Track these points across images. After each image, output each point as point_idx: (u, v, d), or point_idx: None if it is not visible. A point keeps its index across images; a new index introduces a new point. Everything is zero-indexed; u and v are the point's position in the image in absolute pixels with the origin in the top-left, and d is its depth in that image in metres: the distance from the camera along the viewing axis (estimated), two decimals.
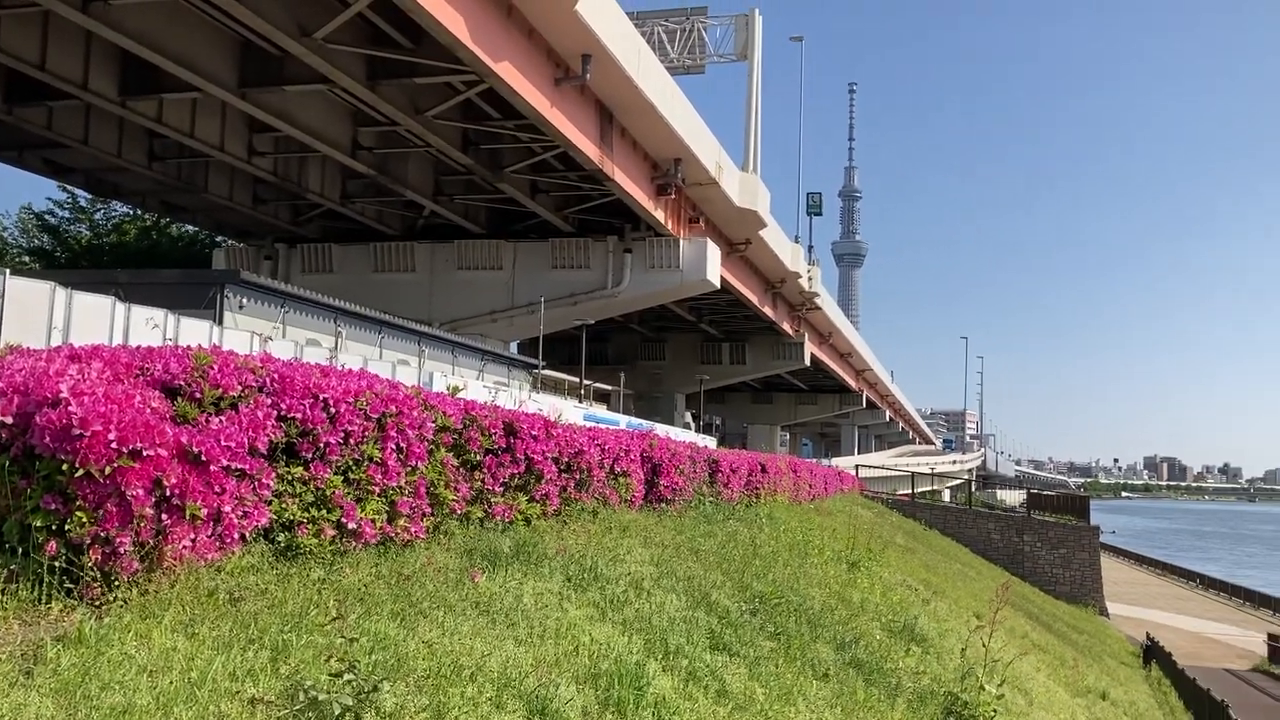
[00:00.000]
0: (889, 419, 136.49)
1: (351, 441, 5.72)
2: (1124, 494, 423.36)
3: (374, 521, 5.77)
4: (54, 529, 4.13)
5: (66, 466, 4.12)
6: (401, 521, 6.07)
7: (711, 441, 39.02)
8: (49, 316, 18.74)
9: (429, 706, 4.25)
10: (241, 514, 4.84)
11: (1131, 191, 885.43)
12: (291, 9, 26.22)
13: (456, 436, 6.95)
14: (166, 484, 4.31)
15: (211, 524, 4.61)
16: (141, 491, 4.21)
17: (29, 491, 4.17)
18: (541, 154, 36.76)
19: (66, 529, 4.12)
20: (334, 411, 5.61)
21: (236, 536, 4.83)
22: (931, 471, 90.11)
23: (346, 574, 5.36)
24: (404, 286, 44.84)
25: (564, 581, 6.80)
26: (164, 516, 4.33)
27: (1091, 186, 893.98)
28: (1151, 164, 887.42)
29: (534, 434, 8.01)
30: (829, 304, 76.35)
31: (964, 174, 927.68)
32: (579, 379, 51.90)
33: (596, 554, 7.80)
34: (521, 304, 44.08)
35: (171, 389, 5.05)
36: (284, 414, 5.37)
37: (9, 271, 18.92)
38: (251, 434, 5.03)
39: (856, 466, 50.63)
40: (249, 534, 4.97)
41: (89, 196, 50.33)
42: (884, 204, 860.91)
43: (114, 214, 54.69)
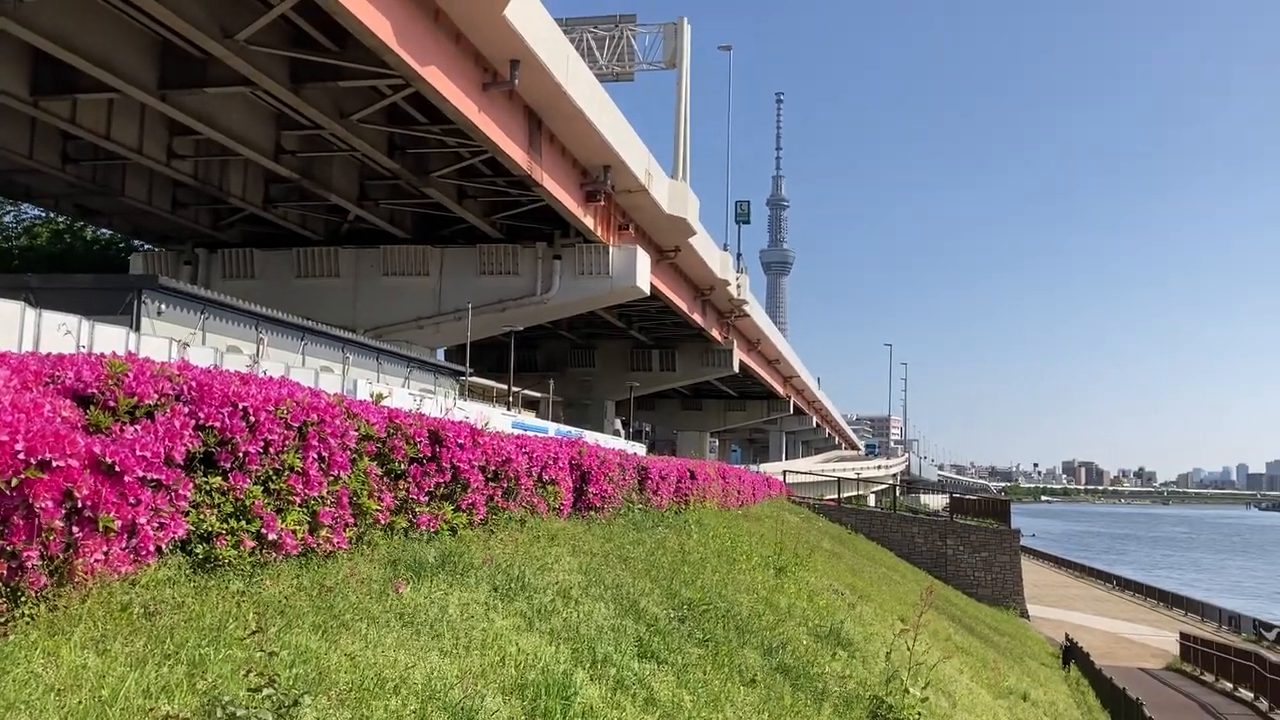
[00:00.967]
0: (816, 425, 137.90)
1: (272, 451, 5.62)
2: (1044, 498, 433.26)
3: (295, 532, 5.67)
4: None
5: None
6: (323, 532, 5.98)
7: (641, 448, 39.09)
8: None
9: None
10: (157, 526, 4.72)
11: (1051, 194, 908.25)
12: (213, 9, 25.74)
13: (380, 445, 6.86)
14: (78, 495, 4.18)
15: (125, 536, 4.48)
16: (51, 503, 4.08)
17: None
18: (469, 159, 36.56)
19: None
20: (254, 420, 5.51)
21: (152, 549, 4.71)
22: (857, 477, 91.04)
23: (267, 586, 5.26)
24: (328, 292, 44.23)
25: (490, 591, 6.76)
26: (75, 529, 4.20)
27: (1010, 191, 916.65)
28: (1069, 164, 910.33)
29: (460, 442, 7.94)
30: (757, 311, 77.00)
31: (889, 183, 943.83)
32: (507, 386, 51.66)
33: (524, 563, 7.76)
34: (449, 310, 43.74)
35: (84, 397, 4.91)
36: (202, 423, 5.26)
37: None
38: (168, 443, 4.91)
39: (784, 472, 51.12)
40: (165, 546, 4.85)
41: None
42: (811, 213, 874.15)
43: (25, 217, 53.19)
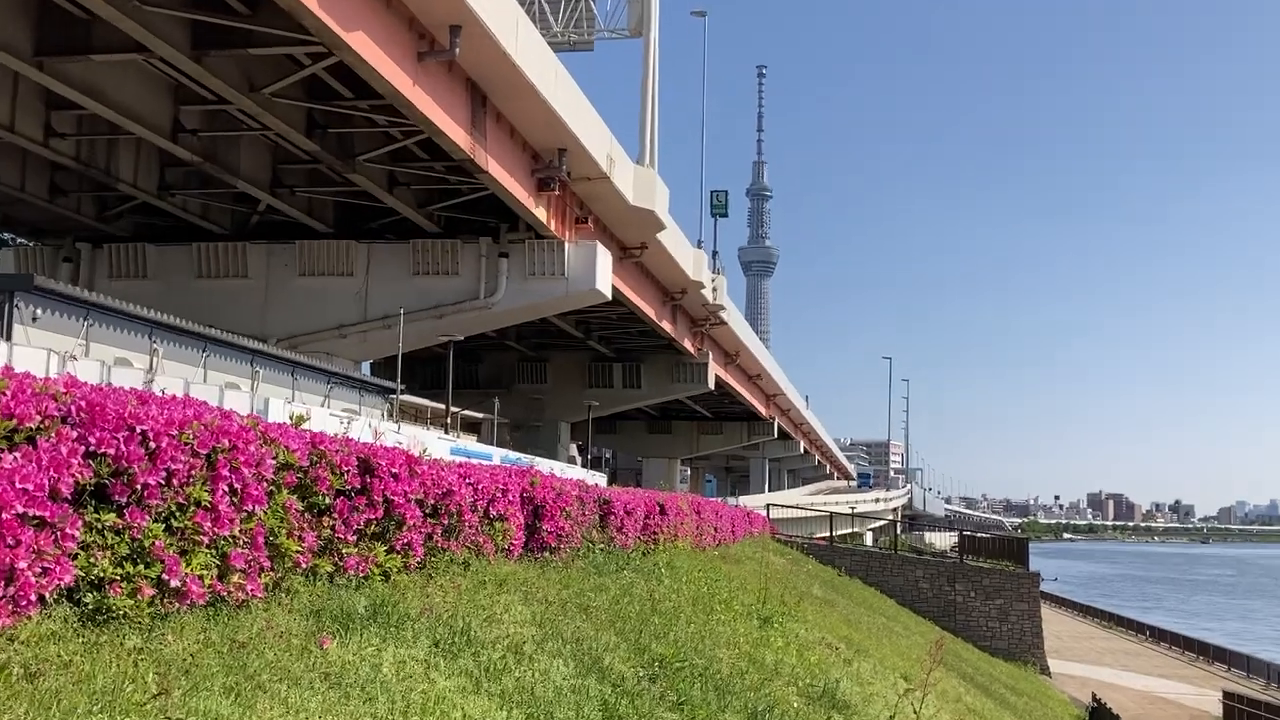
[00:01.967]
0: (804, 451, 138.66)
1: (175, 482, 5.59)
2: (1066, 535, 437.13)
3: (202, 578, 5.64)
4: None
5: None
6: (235, 578, 5.95)
7: (602, 478, 39.08)
8: None
9: None
10: (40, 571, 4.68)
11: (1078, 190, 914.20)
12: None
13: (301, 476, 6.85)
14: None
15: (2, 584, 4.45)
16: None
17: None
18: (402, 140, 36.49)
19: None
20: (154, 446, 5.48)
21: (34, 598, 4.67)
22: (852, 511, 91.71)
23: (169, 641, 5.23)
24: (235, 295, 43.92)
25: (431, 647, 6.75)
26: None
27: (1040, 192, 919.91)
28: (1097, 155, 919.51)
29: (394, 472, 7.93)
30: (736, 319, 77.35)
31: (890, 173, 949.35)
32: (445, 406, 51.49)
33: (469, 613, 7.76)
34: (376, 317, 43.56)
35: None
36: (93, 449, 5.22)
37: None
38: (53, 474, 4.88)
39: (768, 506, 51.23)
40: (50, 595, 4.81)
41: None
42: (798, 205, 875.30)
43: None
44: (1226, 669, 53.78)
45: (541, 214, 41.57)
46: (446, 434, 43.48)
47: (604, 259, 44.74)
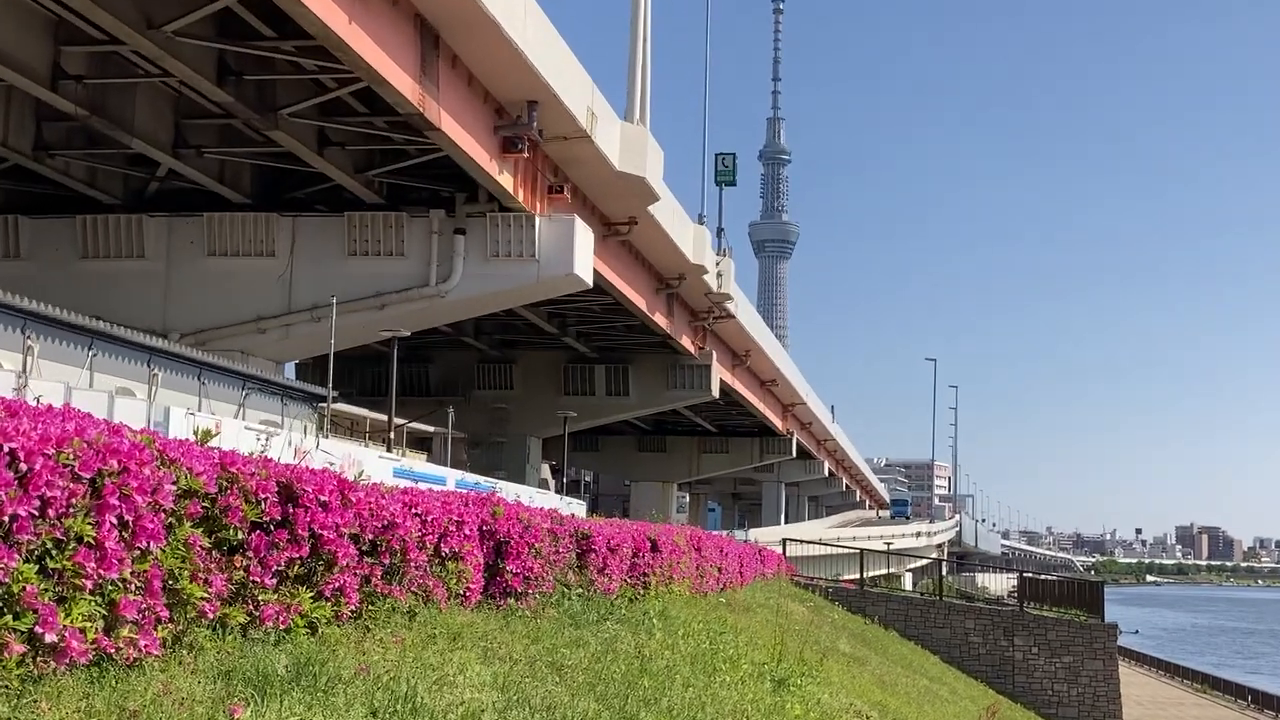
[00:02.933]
0: (829, 473, 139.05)
1: (51, 514, 5.56)
2: (1150, 577, 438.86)
3: (84, 632, 5.62)
4: None
5: None
6: (125, 631, 5.93)
7: (580, 507, 39.09)
8: None
9: None
10: None
11: (1181, 173, 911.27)
12: None
13: (208, 505, 6.84)
14: None
15: None
16: None
17: None
18: (335, 90, 36.43)
19: None
20: (25, 469, 5.46)
21: None
22: (888, 548, 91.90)
23: (43, 710, 5.21)
24: (129, 280, 43.80)
25: (367, 716, 6.74)
26: None
27: (1119, 161, 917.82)
28: (1207, 129, 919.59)
29: (323, 500, 7.92)
30: (746, 310, 77.43)
31: (939, 134, 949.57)
32: (387, 417, 51.44)
33: (415, 674, 7.75)
34: (303, 307, 43.46)
35: None
36: None
37: None
38: None
39: (784, 541, 51.32)
40: None
41: None
42: (822, 171, 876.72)
43: None
44: None
45: (506, 181, 41.51)
46: (389, 452, 43.41)
47: (584, 237, 44.69)
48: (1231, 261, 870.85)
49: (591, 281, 46.08)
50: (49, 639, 5.42)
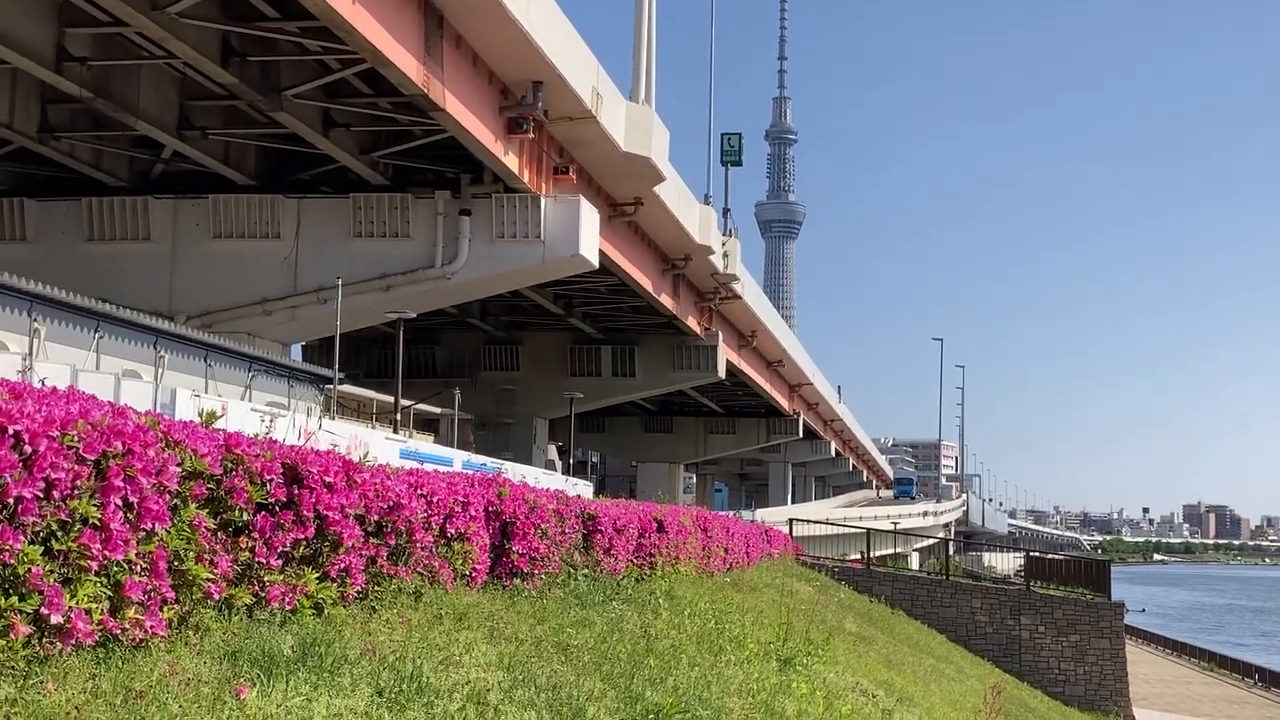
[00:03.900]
0: (835, 454, 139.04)
1: (56, 495, 5.57)
2: (1156, 556, 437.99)
3: (90, 613, 5.64)
4: None
5: None
6: (131, 612, 5.95)
7: (587, 488, 39.22)
8: None
9: None
10: None
11: (1191, 163, 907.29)
12: None
13: (213, 486, 6.85)
14: None
15: None
16: None
17: None
18: (339, 70, 36.38)
19: None
20: (30, 451, 5.47)
21: None
22: (895, 528, 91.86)
23: (49, 691, 5.22)
24: (135, 262, 43.84)
25: (373, 696, 6.75)
26: None
27: (1123, 125, 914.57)
28: (1215, 89, 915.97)
29: (329, 481, 7.93)
30: (752, 291, 77.35)
31: (948, 109, 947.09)
32: (394, 398, 51.47)
33: (420, 654, 7.77)
34: (309, 289, 43.49)
35: None
36: None
37: None
38: None
39: (791, 521, 51.30)
40: None
41: None
42: (829, 150, 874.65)
43: None
44: None
45: (512, 162, 41.46)
46: (395, 433, 43.46)
47: (589, 217, 44.66)
48: (1245, 235, 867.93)
49: (597, 262, 46.05)
50: (55, 620, 5.43)
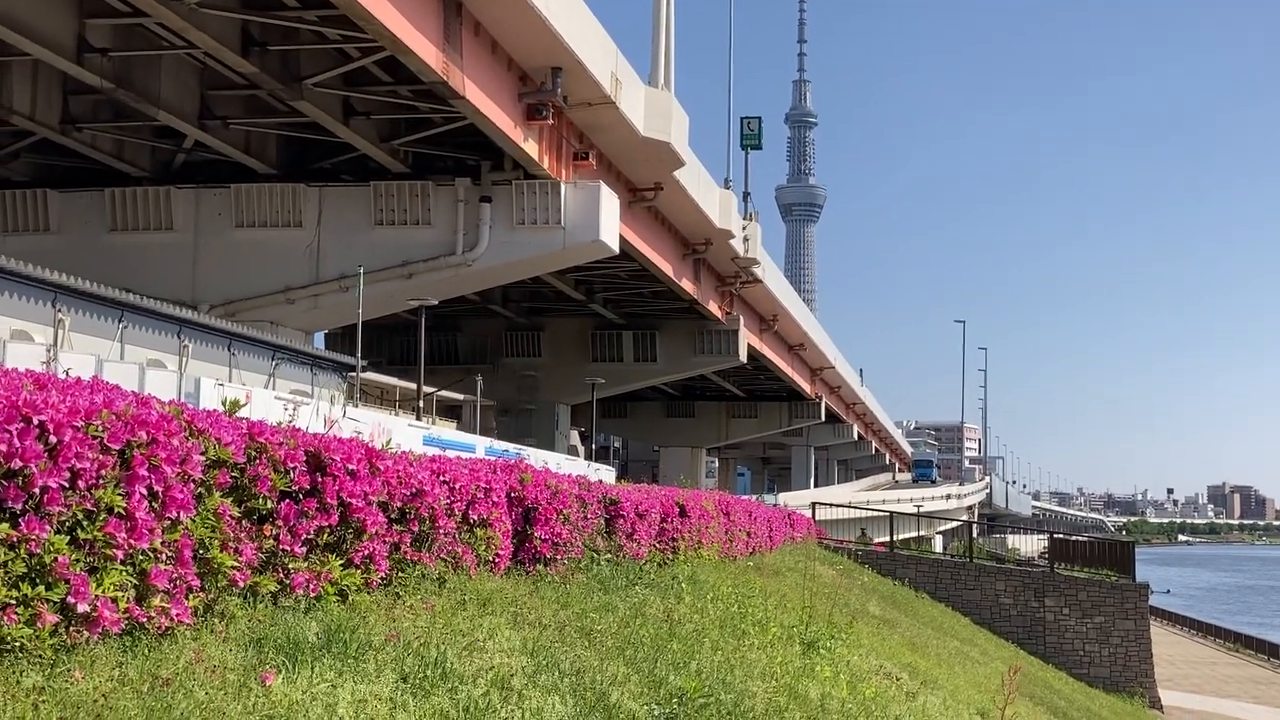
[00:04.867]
0: (858, 437, 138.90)
1: (81, 485, 5.60)
2: (1181, 537, 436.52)
3: (116, 601, 5.67)
4: None
5: None
6: (157, 600, 5.98)
7: (609, 473, 39.16)
8: None
9: None
10: None
11: (1212, 146, 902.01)
12: None
13: (237, 475, 6.87)
14: None
15: None
16: None
17: None
18: (359, 59, 36.42)
19: None
20: (55, 441, 5.49)
21: None
22: (918, 511, 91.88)
23: (76, 679, 5.25)
24: (158, 252, 44.01)
25: (398, 682, 6.77)
26: None
27: (1154, 107, 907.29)
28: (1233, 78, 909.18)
29: (352, 469, 7.95)
30: (773, 275, 77.26)
31: (967, 92, 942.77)
32: (416, 385, 51.58)
33: (444, 640, 7.79)
34: (330, 277, 43.61)
35: None
36: None
37: None
38: None
39: (813, 505, 51.32)
40: None
41: None
42: (849, 133, 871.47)
43: None
44: None
45: (531, 148, 41.45)
46: (418, 420, 43.56)
47: (609, 203, 44.65)
48: (1273, 216, 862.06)
49: (618, 248, 46.06)
50: (81, 609, 5.47)
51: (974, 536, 63.13)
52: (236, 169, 43.97)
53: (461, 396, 60.56)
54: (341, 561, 7.87)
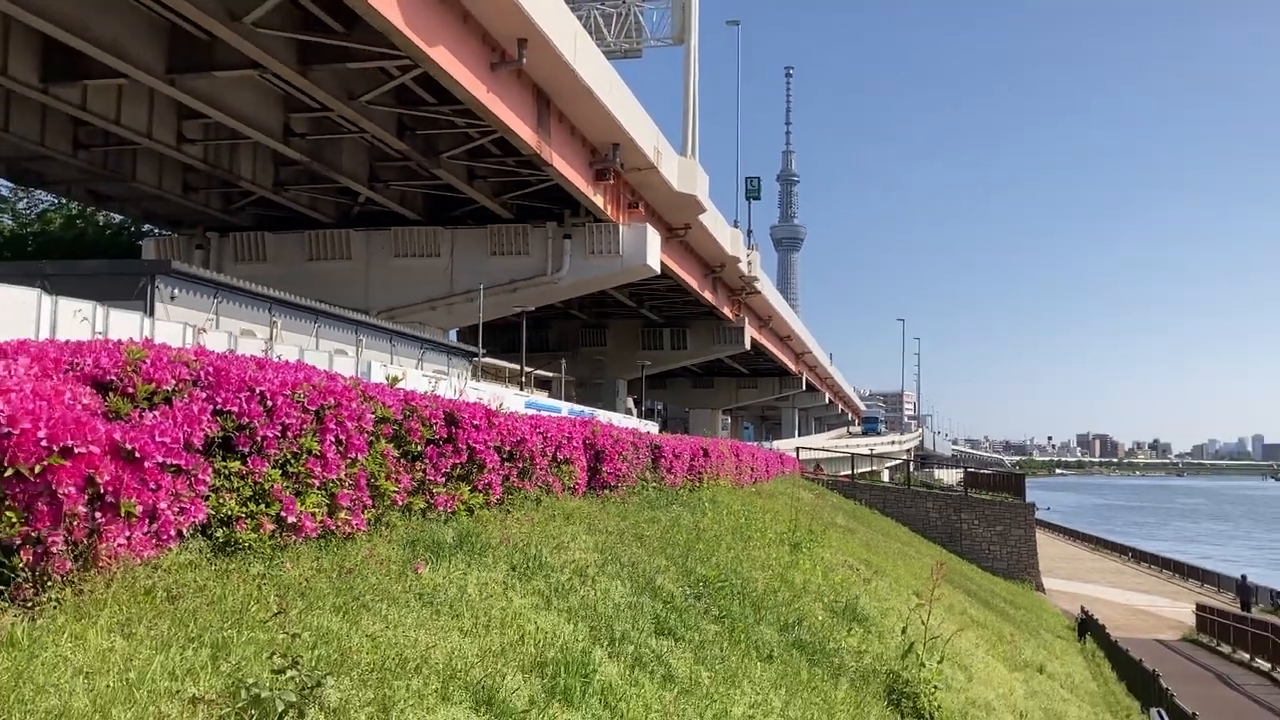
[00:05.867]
0: (828, 401, 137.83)
1: (289, 435, 5.65)
2: (1058, 471, 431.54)
3: (314, 515, 5.72)
4: None
5: None
6: (342, 514, 6.03)
7: (654, 427, 39.17)
8: None
9: (374, 700, 4.23)
10: (178, 510, 4.76)
11: (1067, 167, 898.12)
12: None
13: (396, 427, 6.91)
14: (99, 481, 4.22)
15: (147, 521, 4.52)
16: (74, 490, 4.12)
17: None
18: (478, 139, 36.50)
19: None
20: (271, 404, 5.54)
21: (173, 533, 4.75)
22: (871, 452, 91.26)
23: (287, 569, 5.30)
24: (340, 275, 44.32)
25: (508, 571, 6.80)
26: (98, 515, 4.24)
27: (1024, 160, 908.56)
28: (1089, 139, 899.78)
29: (475, 423, 7.98)
30: (768, 288, 76.83)
31: (901, 155, 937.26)
32: (519, 366, 51.66)
33: (540, 542, 7.81)
34: (460, 291, 43.80)
35: (103, 384, 4.95)
36: (220, 408, 5.29)
37: None
38: (187, 429, 4.95)
39: (797, 449, 51.11)
40: (186, 530, 4.89)
41: (11, 185, 49.01)
42: (823, 186, 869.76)
43: (39, 203, 53.30)
44: (1200, 585, 53.17)
45: (599, 201, 41.46)
46: (521, 390, 43.66)
47: (653, 238, 44.61)
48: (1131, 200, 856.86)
49: (659, 270, 46.08)
50: (290, 520, 5.53)
51: (911, 471, 62.77)
52: (394, 216, 44.19)
53: (551, 374, 60.46)
54: (469, 488, 7.91)
